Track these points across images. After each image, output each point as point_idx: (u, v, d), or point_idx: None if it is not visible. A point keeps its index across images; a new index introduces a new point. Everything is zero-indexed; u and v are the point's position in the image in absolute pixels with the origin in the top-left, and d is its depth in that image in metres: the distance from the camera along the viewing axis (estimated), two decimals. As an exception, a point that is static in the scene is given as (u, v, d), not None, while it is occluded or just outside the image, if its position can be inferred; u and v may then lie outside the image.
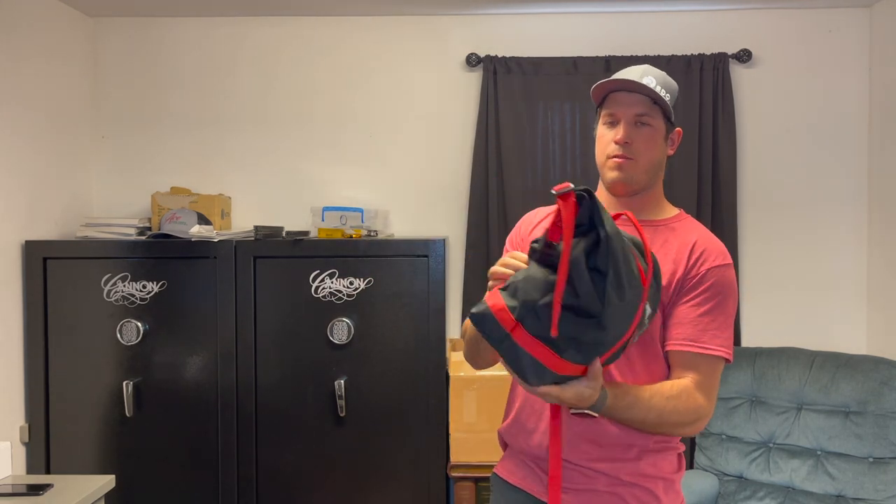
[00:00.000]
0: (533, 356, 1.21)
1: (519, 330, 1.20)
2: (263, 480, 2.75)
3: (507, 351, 1.22)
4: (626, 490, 1.50)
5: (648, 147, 1.53)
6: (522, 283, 1.21)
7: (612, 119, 1.55)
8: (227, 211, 3.11)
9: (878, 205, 3.08)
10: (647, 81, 1.51)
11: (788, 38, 3.16)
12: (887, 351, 2.94)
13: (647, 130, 1.52)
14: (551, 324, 1.18)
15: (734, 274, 1.55)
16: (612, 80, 1.53)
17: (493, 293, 1.25)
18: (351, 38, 3.22)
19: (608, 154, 1.55)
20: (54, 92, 2.97)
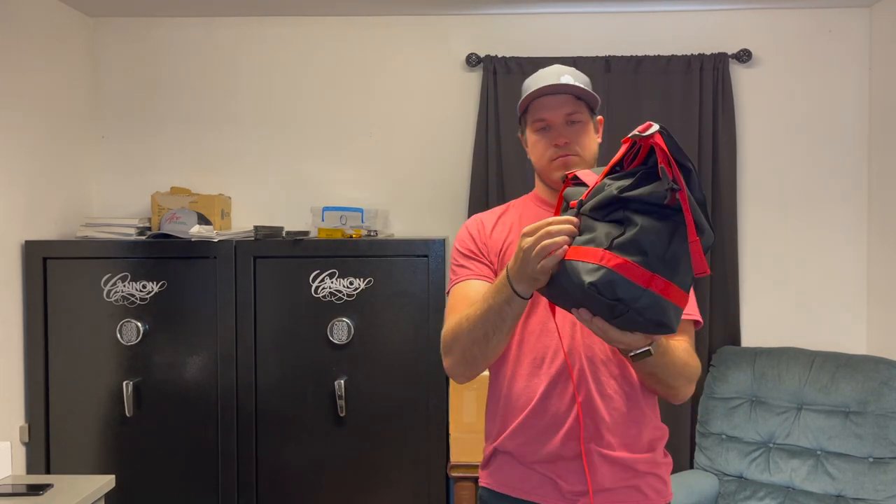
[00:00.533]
0: (672, 302, 1.20)
1: (656, 280, 1.18)
2: (263, 480, 2.75)
3: (643, 307, 1.19)
4: (641, 481, 1.56)
5: (585, 141, 1.61)
6: (640, 235, 1.19)
7: (544, 124, 1.61)
8: (227, 211, 3.11)
9: (878, 205, 3.08)
10: (564, 80, 1.58)
11: (788, 38, 3.16)
12: (887, 351, 2.94)
13: (579, 126, 1.60)
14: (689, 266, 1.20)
15: None
16: (538, 88, 1.58)
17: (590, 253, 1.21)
18: (351, 38, 3.22)
19: (550, 157, 1.61)
20: (54, 92, 2.97)
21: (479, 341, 1.47)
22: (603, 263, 1.18)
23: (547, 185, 1.67)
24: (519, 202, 1.76)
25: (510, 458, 1.59)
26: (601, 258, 1.19)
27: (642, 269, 1.18)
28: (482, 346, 1.47)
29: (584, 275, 1.19)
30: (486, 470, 1.65)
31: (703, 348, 3.10)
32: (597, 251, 1.20)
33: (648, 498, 1.57)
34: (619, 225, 1.23)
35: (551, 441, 1.53)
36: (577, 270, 1.21)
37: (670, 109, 3.11)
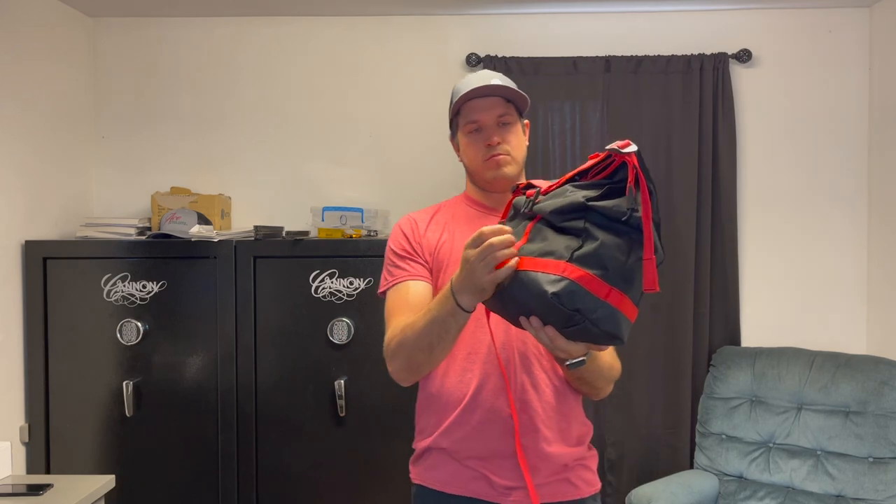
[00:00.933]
0: (626, 315, 1.25)
1: (614, 293, 1.23)
2: (263, 480, 2.75)
3: (599, 318, 1.23)
4: (572, 474, 1.61)
5: (516, 143, 1.66)
6: (601, 250, 1.23)
7: (476, 126, 1.65)
8: (227, 211, 3.11)
9: (878, 205, 3.08)
10: (494, 83, 1.64)
11: (788, 38, 3.16)
12: (887, 351, 2.94)
13: (510, 127, 1.65)
14: (641, 282, 1.25)
15: None
16: (471, 90, 1.62)
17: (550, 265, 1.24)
18: (351, 38, 3.22)
19: (483, 158, 1.64)
20: (54, 92, 2.97)
21: (424, 350, 1.49)
22: (565, 275, 1.22)
23: (479, 186, 1.72)
24: (450, 203, 1.78)
25: (444, 455, 1.61)
26: (563, 270, 1.22)
27: (602, 281, 1.22)
28: (426, 354, 1.50)
29: (546, 285, 1.22)
30: (419, 467, 1.67)
31: (702, 348, 3.10)
32: (558, 263, 1.24)
33: (579, 489, 1.62)
34: (576, 237, 1.26)
35: (486, 437, 1.56)
36: (537, 281, 1.24)
37: (670, 109, 3.11)
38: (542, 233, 1.29)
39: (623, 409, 3.13)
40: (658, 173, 3.13)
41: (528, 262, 1.26)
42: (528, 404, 1.56)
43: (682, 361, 3.09)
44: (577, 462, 1.62)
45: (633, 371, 3.13)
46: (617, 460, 3.13)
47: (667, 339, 3.11)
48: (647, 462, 3.12)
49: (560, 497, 1.59)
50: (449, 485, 1.60)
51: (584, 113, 3.15)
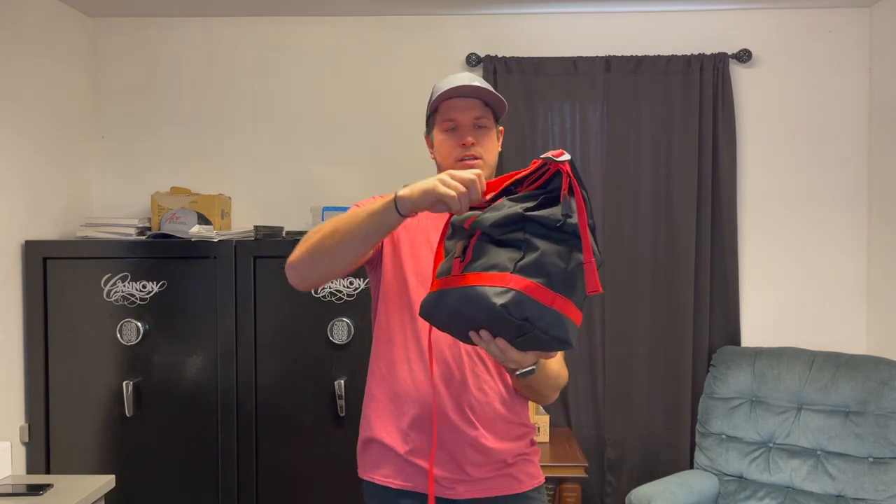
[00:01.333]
0: (572, 319, 1.27)
1: (559, 299, 1.25)
2: (263, 480, 2.75)
3: (548, 325, 1.25)
4: (514, 469, 1.64)
5: (489, 146, 1.68)
6: (543, 258, 1.25)
7: (453, 124, 1.67)
8: (227, 211, 3.11)
9: (878, 205, 3.08)
10: (477, 83, 1.65)
11: (788, 38, 3.16)
12: (887, 351, 2.94)
13: (485, 131, 1.67)
14: (583, 285, 1.26)
15: None
16: (452, 87, 1.64)
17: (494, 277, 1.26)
18: (351, 38, 3.22)
19: (456, 157, 1.65)
20: (54, 92, 2.97)
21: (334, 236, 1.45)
22: (511, 286, 1.24)
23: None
24: None
25: (385, 449, 1.64)
26: (508, 281, 1.24)
27: (547, 289, 1.24)
28: (337, 240, 1.45)
29: (494, 297, 1.24)
30: (363, 460, 1.70)
31: (702, 348, 3.10)
32: (503, 275, 1.25)
33: (522, 483, 1.65)
34: (517, 249, 1.28)
35: (428, 433, 1.58)
36: (485, 294, 1.25)
37: (670, 109, 3.12)
38: (484, 248, 1.31)
39: (623, 409, 3.13)
40: (658, 173, 3.13)
41: (474, 277, 1.28)
42: (474, 405, 1.59)
43: (682, 361, 3.09)
44: (518, 457, 1.66)
45: (633, 371, 3.13)
46: (617, 460, 3.13)
47: (667, 339, 3.11)
48: (647, 462, 3.12)
49: (503, 491, 1.63)
50: (391, 478, 1.63)
51: (584, 113, 3.15)
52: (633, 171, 3.13)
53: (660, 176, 3.13)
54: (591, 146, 3.15)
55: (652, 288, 3.13)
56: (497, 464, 1.62)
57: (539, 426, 2.95)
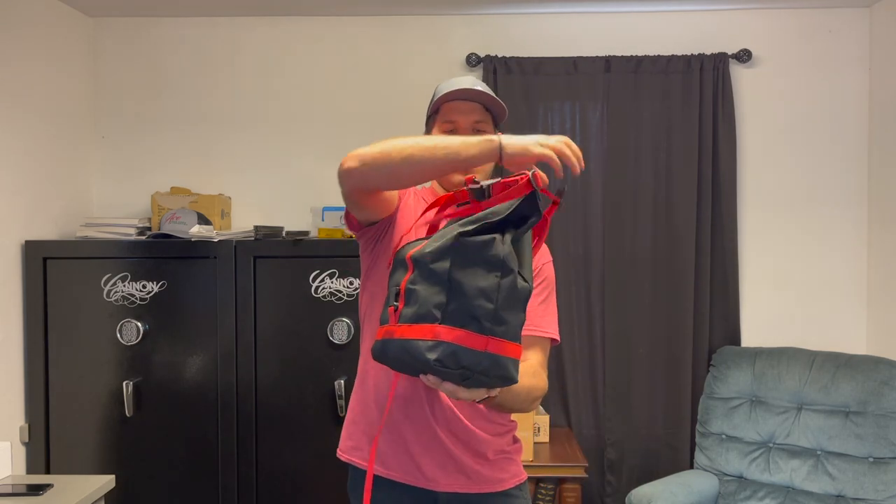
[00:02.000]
0: (510, 357, 1.27)
1: (492, 342, 1.25)
2: (263, 480, 2.75)
3: (486, 368, 1.25)
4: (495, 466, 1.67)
5: None
6: (468, 303, 1.24)
7: (452, 126, 1.68)
8: (227, 211, 3.11)
9: (878, 205, 3.08)
10: (480, 88, 1.66)
11: (788, 38, 3.16)
12: (887, 351, 2.94)
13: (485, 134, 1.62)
14: (515, 316, 1.26)
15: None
16: (455, 90, 1.65)
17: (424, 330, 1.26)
18: (351, 37, 3.22)
19: None
20: (54, 92, 2.97)
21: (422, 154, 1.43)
22: (441, 338, 1.23)
23: (442, 186, 1.74)
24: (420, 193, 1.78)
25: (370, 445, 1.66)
26: (437, 334, 1.24)
27: (477, 335, 1.24)
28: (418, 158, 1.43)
29: (426, 352, 1.23)
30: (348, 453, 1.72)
31: (702, 348, 3.10)
32: (432, 328, 1.24)
33: (503, 480, 1.67)
34: (442, 288, 1.26)
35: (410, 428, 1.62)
36: (417, 349, 1.24)
37: (670, 109, 3.12)
38: (414, 293, 1.29)
39: (623, 409, 3.13)
40: (658, 173, 3.13)
41: (406, 329, 1.27)
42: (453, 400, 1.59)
43: (682, 361, 3.09)
44: (500, 454, 1.67)
45: (633, 371, 3.13)
46: (617, 460, 3.13)
47: (667, 339, 3.11)
48: (647, 462, 3.12)
49: (484, 488, 1.65)
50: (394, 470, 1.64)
51: (584, 113, 3.15)
52: (633, 171, 3.13)
53: (660, 176, 3.13)
54: (591, 146, 3.15)
55: (652, 288, 3.13)
56: (479, 460, 1.64)
57: (539, 426, 2.95)
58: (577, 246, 3.16)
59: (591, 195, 3.16)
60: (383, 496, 1.64)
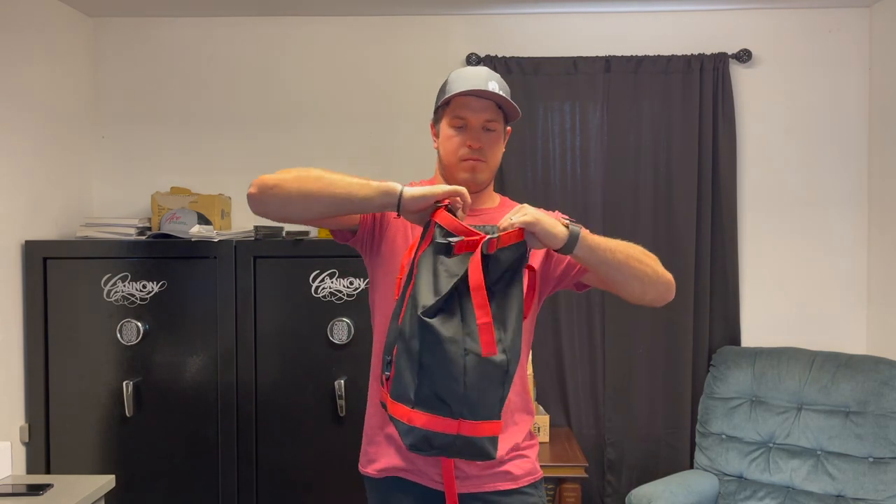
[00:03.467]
0: (485, 435, 1.30)
1: (464, 425, 1.28)
2: (263, 480, 2.75)
3: (460, 448, 1.29)
4: (509, 465, 1.64)
5: (495, 150, 1.68)
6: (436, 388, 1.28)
7: (463, 122, 1.65)
8: (227, 211, 3.11)
9: (878, 205, 3.08)
10: (491, 87, 1.63)
11: (788, 38, 3.16)
12: (887, 351, 2.94)
13: (494, 135, 1.67)
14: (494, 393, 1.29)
15: None
16: (468, 89, 1.61)
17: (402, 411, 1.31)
18: (351, 38, 3.22)
19: (461, 156, 1.66)
20: (54, 92, 2.97)
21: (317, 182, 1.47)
22: (414, 424, 1.28)
23: (447, 180, 1.71)
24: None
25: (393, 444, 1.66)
26: (410, 419, 1.29)
27: (448, 419, 1.27)
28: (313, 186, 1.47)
29: (403, 437, 1.32)
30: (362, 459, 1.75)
31: (702, 348, 3.10)
32: (407, 411, 1.30)
33: (517, 478, 1.65)
34: (414, 369, 1.30)
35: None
36: (399, 429, 1.35)
37: (670, 109, 3.12)
38: (399, 367, 1.33)
39: (623, 409, 3.13)
40: (658, 173, 3.13)
41: (392, 405, 1.35)
42: None
43: (682, 361, 3.09)
44: (513, 452, 1.65)
45: (633, 371, 3.13)
46: (617, 460, 3.13)
47: (667, 339, 3.11)
48: (647, 462, 3.12)
49: (498, 486, 1.63)
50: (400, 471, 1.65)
51: (584, 113, 3.15)
52: (633, 171, 3.13)
53: (660, 176, 3.13)
54: (591, 146, 3.15)
55: (652, 288, 3.12)
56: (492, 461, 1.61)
57: (539, 426, 2.95)
58: (577, 246, 3.15)
59: (591, 195, 3.16)
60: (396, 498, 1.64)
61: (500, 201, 1.79)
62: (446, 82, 1.70)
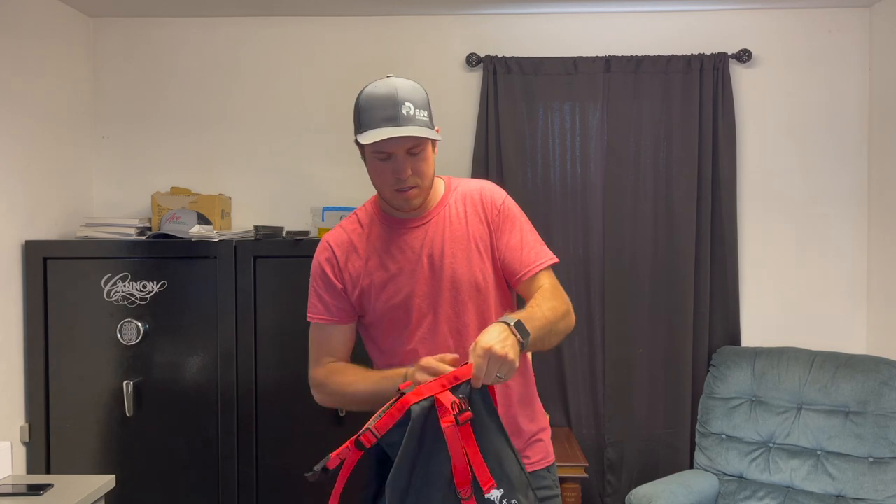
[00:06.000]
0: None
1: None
2: (263, 480, 2.75)
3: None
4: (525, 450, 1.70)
5: (425, 168, 1.62)
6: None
7: (385, 156, 1.58)
8: (227, 211, 3.11)
9: (878, 205, 3.08)
10: (405, 111, 1.54)
11: (788, 38, 3.16)
12: (887, 351, 2.94)
13: (420, 156, 1.60)
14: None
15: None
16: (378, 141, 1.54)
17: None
18: (351, 38, 3.22)
19: (393, 187, 1.62)
20: (54, 92, 2.97)
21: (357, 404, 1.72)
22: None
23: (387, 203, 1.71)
24: (366, 217, 1.77)
25: None
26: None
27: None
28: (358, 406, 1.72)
29: None
30: None
31: (702, 348, 3.10)
32: None
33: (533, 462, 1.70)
34: None
35: None
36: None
37: (670, 109, 3.12)
38: None
39: (623, 409, 3.13)
40: (658, 173, 3.13)
41: None
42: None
43: (682, 361, 3.09)
44: (531, 439, 1.70)
45: (633, 371, 3.13)
46: (617, 460, 3.13)
47: (667, 339, 3.11)
48: (647, 462, 3.12)
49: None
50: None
51: (584, 113, 3.15)
52: (633, 171, 3.13)
53: (660, 176, 3.13)
54: (591, 146, 3.15)
55: (652, 288, 3.13)
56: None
57: (539, 426, 2.95)
58: (577, 246, 3.16)
59: (591, 195, 3.16)
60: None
61: (443, 189, 1.74)
62: (357, 109, 1.60)
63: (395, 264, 1.68)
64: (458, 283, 1.65)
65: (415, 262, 1.67)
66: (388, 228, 1.72)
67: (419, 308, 1.66)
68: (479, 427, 1.39)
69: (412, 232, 1.69)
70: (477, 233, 1.69)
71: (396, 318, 1.68)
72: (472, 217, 1.70)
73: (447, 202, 1.71)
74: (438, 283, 1.66)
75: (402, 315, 1.67)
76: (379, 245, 1.70)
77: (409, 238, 1.69)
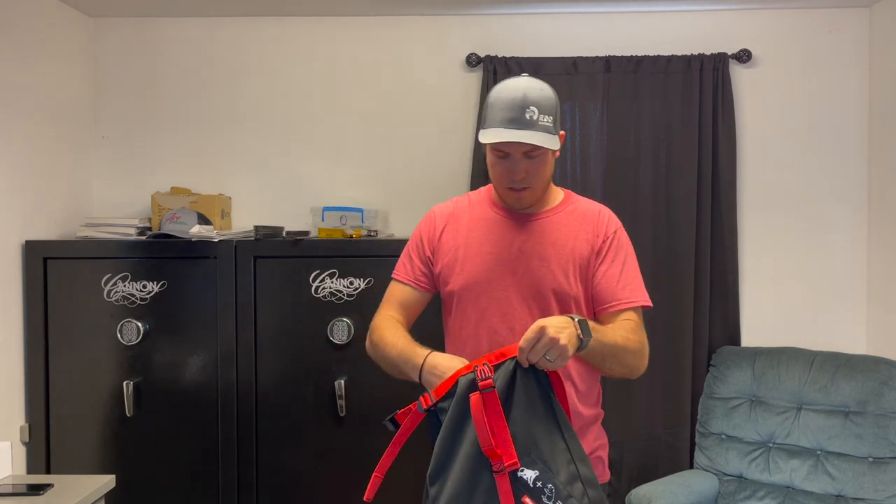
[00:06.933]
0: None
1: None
2: (263, 480, 2.76)
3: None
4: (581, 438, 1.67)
5: (541, 172, 1.67)
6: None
7: (503, 154, 1.64)
8: (227, 211, 3.11)
9: (878, 205, 3.08)
10: (529, 115, 1.58)
11: (788, 38, 3.16)
12: (887, 351, 2.94)
13: (537, 160, 1.64)
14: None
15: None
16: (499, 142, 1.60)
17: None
18: (351, 38, 3.22)
19: (505, 185, 1.69)
20: (54, 92, 2.97)
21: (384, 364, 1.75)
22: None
23: (499, 194, 1.78)
24: (476, 199, 1.82)
25: None
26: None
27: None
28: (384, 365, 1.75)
29: None
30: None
31: (702, 348, 3.10)
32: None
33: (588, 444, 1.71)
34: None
35: None
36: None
37: (670, 109, 3.12)
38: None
39: (623, 409, 3.13)
40: (658, 173, 3.13)
41: None
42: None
43: (682, 361, 3.09)
44: (589, 454, 1.65)
45: (633, 371, 3.13)
46: (617, 460, 3.12)
47: (667, 339, 3.11)
48: (647, 462, 3.12)
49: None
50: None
51: (584, 113, 3.15)
52: (632, 171, 3.13)
53: (660, 176, 3.12)
54: (591, 146, 3.15)
55: (652, 288, 3.05)
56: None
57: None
58: (577, 246, 3.15)
59: (591, 195, 3.13)
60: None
61: (562, 198, 1.80)
62: (487, 105, 1.65)
63: (490, 246, 1.71)
64: (541, 289, 1.67)
65: (508, 252, 1.70)
66: (496, 213, 1.76)
67: (493, 295, 1.69)
68: (516, 404, 1.40)
69: (517, 225, 1.73)
70: (578, 251, 1.70)
71: (470, 297, 1.70)
72: (580, 235, 1.72)
73: (561, 211, 1.76)
74: (521, 281, 1.68)
75: (474, 297, 1.69)
76: (482, 224, 1.74)
77: (511, 229, 1.72)
